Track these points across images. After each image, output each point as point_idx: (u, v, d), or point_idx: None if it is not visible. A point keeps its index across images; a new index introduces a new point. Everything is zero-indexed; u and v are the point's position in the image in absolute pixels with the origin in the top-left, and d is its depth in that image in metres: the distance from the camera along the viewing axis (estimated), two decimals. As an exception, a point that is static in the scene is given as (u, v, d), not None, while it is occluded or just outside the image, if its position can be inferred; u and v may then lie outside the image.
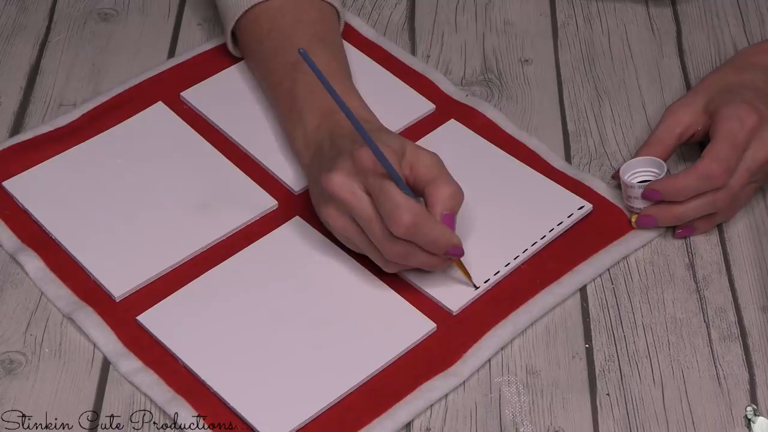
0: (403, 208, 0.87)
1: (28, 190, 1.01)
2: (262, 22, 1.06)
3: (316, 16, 1.06)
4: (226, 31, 1.09)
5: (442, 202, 0.90)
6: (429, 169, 0.91)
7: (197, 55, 1.14)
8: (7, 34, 1.17)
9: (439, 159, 0.92)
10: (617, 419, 0.89)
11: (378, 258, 0.92)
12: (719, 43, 1.18)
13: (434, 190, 0.90)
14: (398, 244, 0.89)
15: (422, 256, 0.91)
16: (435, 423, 0.88)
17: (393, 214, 0.87)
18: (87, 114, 1.08)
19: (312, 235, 0.98)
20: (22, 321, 0.94)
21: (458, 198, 0.91)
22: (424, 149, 0.92)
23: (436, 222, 0.89)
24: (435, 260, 0.92)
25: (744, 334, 0.94)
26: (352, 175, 0.90)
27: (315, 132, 0.98)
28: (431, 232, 0.89)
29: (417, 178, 0.91)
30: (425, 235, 0.89)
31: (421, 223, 0.88)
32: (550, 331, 0.94)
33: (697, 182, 0.96)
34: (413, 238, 0.89)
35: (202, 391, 0.89)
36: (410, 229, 0.88)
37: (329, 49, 1.04)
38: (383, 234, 0.89)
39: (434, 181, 0.91)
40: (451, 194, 0.90)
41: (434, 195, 0.90)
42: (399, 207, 0.87)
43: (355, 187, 0.90)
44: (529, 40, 1.18)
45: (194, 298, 0.94)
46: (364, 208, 0.90)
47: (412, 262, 0.91)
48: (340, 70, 1.03)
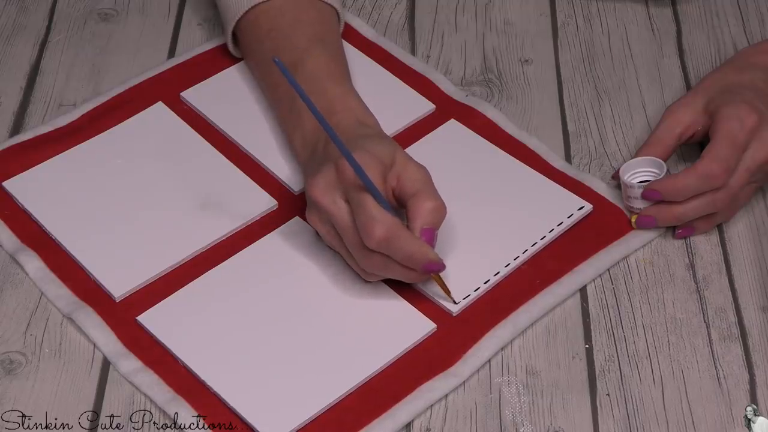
0: (376, 221, 0.87)
1: (28, 190, 1.01)
2: (262, 23, 1.06)
3: (316, 17, 1.06)
4: (227, 32, 1.09)
5: (422, 216, 0.89)
6: (414, 183, 0.90)
7: (197, 55, 1.14)
8: (7, 34, 1.17)
9: (426, 172, 0.91)
10: (617, 419, 0.89)
11: (356, 267, 0.92)
12: (719, 43, 1.18)
13: (416, 204, 0.90)
14: (374, 256, 0.89)
15: (399, 270, 0.90)
16: (435, 423, 0.88)
17: (366, 227, 0.87)
18: (87, 114, 1.08)
19: (312, 235, 0.98)
20: (22, 321, 0.94)
21: (439, 213, 0.90)
22: (414, 162, 0.92)
23: (412, 237, 0.88)
24: (412, 274, 0.91)
25: (744, 335, 0.94)
26: (334, 184, 0.90)
27: (313, 133, 0.98)
28: (405, 247, 0.88)
29: (402, 190, 0.91)
30: (399, 249, 0.88)
31: (394, 237, 0.87)
32: (550, 331, 0.94)
33: (696, 182, 0.96)
34: (387, 251, 0.88)
35: (202, 391, 0.89)
36: (383, 243, 0.87)
37: (328, 50, 1.04)
38: (359, 244, 0.89)
39: (417, 194, 0.90)
40: (432, 209, 0.90)
41: (415, 209, 0.90)
42: (372, 219, 0.87)
43: (336, 195, 0.90)
44: (529, 40, 1.18)
45: (194, 298, 0.94)
46: (342, 217, 0.89)
47: (390, 274, 0.91)
48: (339, 71, 1.03)
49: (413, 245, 0.88)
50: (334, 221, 0.90)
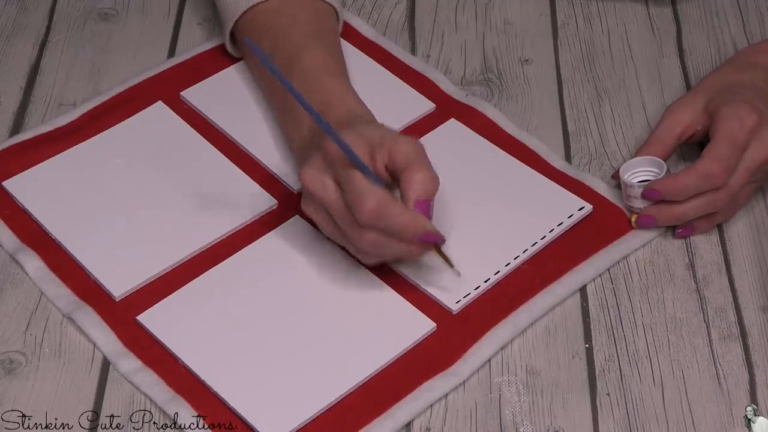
0: (365, 194, 0.87)
1: (28, 190, 1.01)
2: (260, 22, 1.06)
3: (314, 15, 1.07)
4: (225, 31, 1.09)
5: (414, 187, 0.88)
6: (406, 156, 0.89)
7: (197, 55, 1.14)
8: (7, 34, 1.17)
9: (419, 146, 0.90)
10: (617, 419, 0.89)
11: (353, 249, 0.92)
12: (719, 43, 1.18)
13: (408, 176, 0.89)
14: (368, 232, 0.88)
15: (397, 246, 0.89)
16: (435, 423, 0.88)
17: (356, 201, 0.87)
18: (87, 114, 1.08)
19: (312, 234, 0.98)
20: (22, 321, 0.94)
21: (431, 183, 0.89)
22: (405, 137, 0.91)
23: (405, 208, 0.88)
24: (411, 248, 0.90)
25: (744, 334, 0.94)
26: (323, 168, 0.90)
27: (308, 130, 0.98)
28: (399, 218, 0.87)
29: (394, 165, 0.90)
30: (392, 219, 0.87)
31: (386, 208, 0.87)
32: (550, 331, 0.94)
33: (696, 181, 0.96)
34: (379, 224, 0.87)
35: (202, 391, 0.89)
36: (374, 215, 0.87)
37: (325, 46, 1.04)
38: (352, 223, 0.89)
39: (409, 167, 0.89)
40: (422, 179, 0.89)
41: (407, 180, 0.89)
42: (362, 193, 0.87)
43: (326, 179, 0.90)
44: (529, 40, 1.18)
45: (194, 297, 0.94)
46: (332, 198, 0.89)
47: (388, 252, 0.90)
48: (336, 67, 1.02)
49: (407, 216, 0.87)
50: (325, 204, 0.90)
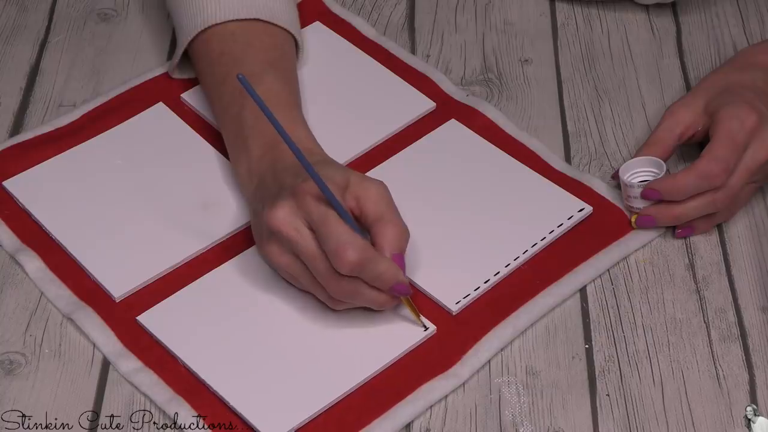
0: (348, 245, 0.85)
1: (28, 190, 1.01)
2: (214, 46, 1.03)
3: (269, 43, 1.03)
4: (177, 53, 1.07)
5: (389, 243, 0.88)
6: (376, 206, 0.89)
7: (197, 56, 1.14)
8: (7, 34, 1.17)
9: (385, 191, 0.90)
10: (617, 419, 0.89)
11: (323, 296, 0.91)
12: (719, 43, 1.18)
13: (382, 230, 0.89)
14: (344, 281, 0.88)
15: (369, 294, 0.89)
16: (435, 424, 0.88)
17: (338, 251, 0.86)
18: (87, 114, 1.08)
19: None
20: (22, 321, 0.94)
21: (405, 238, 0.90)
22: (371, 180, 0.90)
23: (382, 257, 0.88)
24: (382, 298, 0.90)
25: (744, 335, 0.94)
26: (295, 211, 0.88)
27: (258, 162, 0.95)
28: (377, 267, 0.87)
29: (363, 212, 0.90)
30: (371, 270, 0.87)
31: (367, 259, 0.86)
32: (549, 331, 0.94)
33: (696, 181, 0.96)
34: (359, 274, 0.87)
35: (202, 391, 0.89)
36: (356, 267, 0.86)
37: (279, 77, 1.01)
38: (328, 271, 0.87)
39: (381, 220, 0.89)
40: (397, 235, 0.89)
41: (381, 235, 0.89)
42: (344, 244, 0.85)
43: (299, 223, 0.88)
44: (529, 40, 1.18)
45: (194, 298, 0.94)
46: (307, 245, 0.88)
47: (359, 300, 0.89)
48: (288, 99, 1.00)
49: (383, 265, 0.87)
50: (298, 250, 0.88)
